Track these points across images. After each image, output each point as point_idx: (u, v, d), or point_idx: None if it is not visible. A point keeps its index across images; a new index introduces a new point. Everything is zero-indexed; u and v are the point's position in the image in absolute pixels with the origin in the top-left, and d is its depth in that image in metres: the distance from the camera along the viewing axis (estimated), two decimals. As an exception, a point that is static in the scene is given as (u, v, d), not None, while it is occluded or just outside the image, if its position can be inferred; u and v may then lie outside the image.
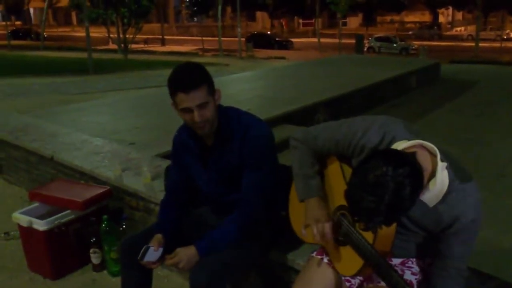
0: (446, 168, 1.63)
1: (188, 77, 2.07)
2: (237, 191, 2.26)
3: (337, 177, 1.94)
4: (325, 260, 1.98)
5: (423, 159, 1.59)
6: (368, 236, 1.71)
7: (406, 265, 1.90)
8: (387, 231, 1.69)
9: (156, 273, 3.07)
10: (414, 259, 1.92)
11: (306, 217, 1.95)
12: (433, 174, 1.62)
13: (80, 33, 31.43)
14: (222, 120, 2.21)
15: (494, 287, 2.07)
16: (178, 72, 2.11)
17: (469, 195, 1.66)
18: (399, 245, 1.82)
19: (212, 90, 2.13)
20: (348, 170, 1.84)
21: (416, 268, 1.89)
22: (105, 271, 3.33)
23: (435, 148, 1.65)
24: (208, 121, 2.13)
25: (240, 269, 2.35)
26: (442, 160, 1.63)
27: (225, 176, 2.29)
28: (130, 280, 2.42)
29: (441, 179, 1.62)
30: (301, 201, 2.02)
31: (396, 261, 1.90)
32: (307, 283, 1.94)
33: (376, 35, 37.53)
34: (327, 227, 1.86)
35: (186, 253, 2.15)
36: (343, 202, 1.82)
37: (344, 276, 1.92)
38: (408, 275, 1.86)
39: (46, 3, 37.70)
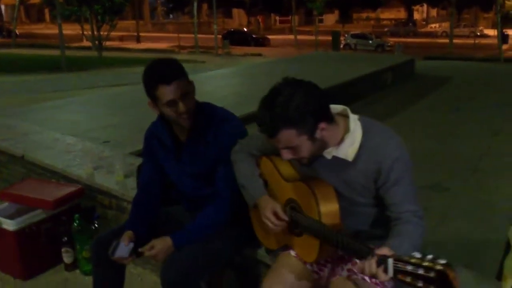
0: (359, 119, 1.79)
1: (167, 69, 2.08)
2: (210, 185, 2.27)
3: (274, 175, 2.05)
4: (292, 253, 2.01)
5: (339, 121, 1.78)
6: (315, 216, 1.80)
7: None
8: (330, 206, 1.79)
9: (129, 271, 3.04)
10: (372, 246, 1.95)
11: (262, 216, 1.98)
12: (347, 130, 1.76)
13: (53, 30, 30.83)
14: (197, 114, 2.21)
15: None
16: (155, 66, 2.11)
17: (387, 138, 1.76)
18: (348, 225, 1.85)
19: (189, 80, 2.14)
20: (280, 162, 2.00)
21: None
22: (77, 270, 3.29)
23: (345, 107, 1.85)
24: (192, 112, 2.14)
25: (213, 266, 2.34)
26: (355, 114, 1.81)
27: (198, 170, 2.29)
28: (102, 279, 2.40)
29: (354, 127, 1.76)
30: (253, 207, 2.09)
31: None
32: (277, 277, 1.95)
33: (352, 32, 37.83)
34: (280, 210, 1.94)
35: (163, 245, 2.15)
36: (288, 196, 1.95)
37: (312, 267, 1.97)
38: None
39: (17, 0, 36.95)
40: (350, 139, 1.76)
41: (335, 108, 1.82)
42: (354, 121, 1.78)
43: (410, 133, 7.53)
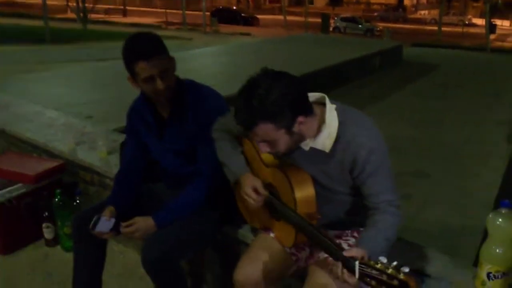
0: (336, 109, 1.75)
1: (147, 44, 2.04)
2: (192, 163, 2.26)
3: (255, 158, 2.03)
4: (272, 235, 2.02)
5: (316, 110, 1.74)
6: (291, 204, 1.80)
7: (343, 238, 1.96)
8: (306, 193, 1.79)
9: (111, 248, 3.04)
10: (349, 231, 1.98)
11: (242, 193, 1.97)
12: (323, 121, 1.73)
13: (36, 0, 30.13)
14: (179, 90, 2.18)
15: (416, 257, 2.14)
16: (135, 41, 2.06)
17: (364, 129, 1.73)
18: (326, 212, 1.86)
19: (169, 58, 2.11)
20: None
21: (352, 240, 1.94)
22: (58, 246, 3.27)
23: (323, 95, 1.79)
24: (170, 88, 2.11)
25: (194, 246, 2.34)
26: (332, 103, 1.77)
27: (180, 147, 2.27)
28: (83, 255, 2.37)
29: (330, 118, 1.73)
30: (234, 183, 2.07)
31: (332, 233, 1.96)
32: (253, 258, 1.95)
33: (342, 15, 37.64)
34: (260, 186, 1.92)
35: (144, 223, 2.13)
36: (267, 181, 1.95)
37: (290, 250, 1.97)
38: (345, 247, 1.90)
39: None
40: (326, 130, 1.73)
41: (313, 96, 1.79)
42: (331, 111, 1.74)
43: (395, 119, 7.59)
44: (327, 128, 1.73)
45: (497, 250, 1.79)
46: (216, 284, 2.71)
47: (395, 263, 1.36)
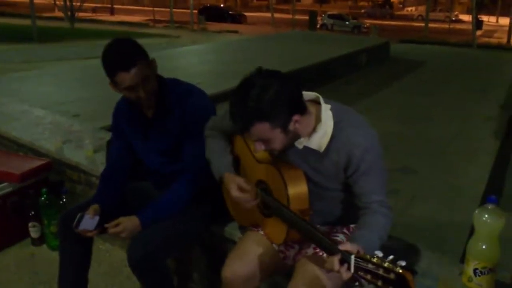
0: (331, 109, 1.75)
1: (126, 54, 2.02)
2: (177, 161, 2.25)
3: (247, 155, 2.03)
4: (261, 232, 2.02)
5: (311, 109, 1.75)
6: (283, 200, 1.80)
7: (332, 234, 1.96)
8: (299, 190, 1.79)
9: (97, 246, 3.03)
10: (339, 227, 1.98)
11: (229, 193, 1.97)
12: (319, 120, 1.73)
13: (24, -2, 29.83)
14: (162, 90, 2.18)
15: (403, 253, 2.15)
16: (113, 51, 2.05)
17: (359, 129, 1.74)
18: (318, 208, 1.87)
19: (149, 62, 2.09)
20: (253, 143, 1.91)
21: (342, 237, 1.93)
22: (44, 245, 3.24)
23: (318, 95, 1.79)
24: (153, 92, 2.11)
25: (180, 245, 2.33)
26: (326, 103, 1.77)
27: (166, 146, 2.26)
28: (69, 254, 2.36)
29: (325, 118, 1.73)
30: (219, 180, 2.06)
31: (322, 229, 1.94)
32: (242, 254, 1.95)
33: (329, 13, 37.74)
34: (242, 182, 1.93)
35: (130, 223, 2.12)
36: (259, 177, 1.95)
37: (278, 247, 1.97)
38: None
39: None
40: (321, 131, 1.73)
41: (308, 95, 1.79)
42: (326, 111, 1.74)
43: (382, 115, 7.61)
44: (323, 127, 1.73)
45: (483, 246, 1.80)
46: (203, 282, 2.70)
47: (391, 257, 1.35)
